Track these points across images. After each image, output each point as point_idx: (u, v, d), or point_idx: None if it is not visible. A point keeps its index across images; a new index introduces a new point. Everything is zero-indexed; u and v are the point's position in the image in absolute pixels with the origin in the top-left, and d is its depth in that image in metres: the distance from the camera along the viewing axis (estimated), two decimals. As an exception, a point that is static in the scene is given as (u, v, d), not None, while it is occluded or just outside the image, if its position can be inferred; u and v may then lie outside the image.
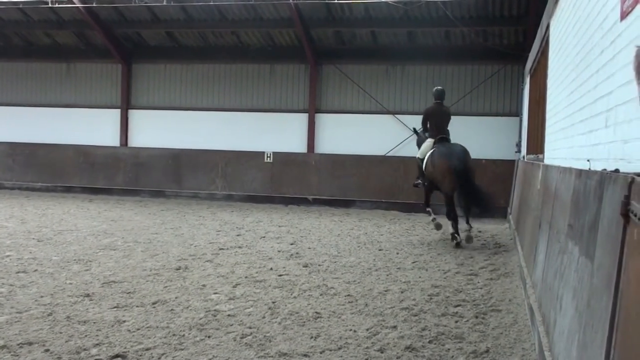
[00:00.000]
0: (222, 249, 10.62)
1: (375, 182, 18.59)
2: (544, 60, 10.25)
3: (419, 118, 13.64)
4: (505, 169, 17.52)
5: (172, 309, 6.61)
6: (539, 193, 7.74)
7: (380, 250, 11.04)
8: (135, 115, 21.25)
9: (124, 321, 6.11)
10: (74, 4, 18.91)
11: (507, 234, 13.78)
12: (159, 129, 20.95)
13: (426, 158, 12.46)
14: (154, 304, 6.81)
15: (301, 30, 18.76)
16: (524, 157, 15.09)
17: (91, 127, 21.48)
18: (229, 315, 6.44)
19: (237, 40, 20.43)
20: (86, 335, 5.63)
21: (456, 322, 6.44)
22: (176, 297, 7.10)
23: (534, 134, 12.23)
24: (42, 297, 6.97)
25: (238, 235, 12.38)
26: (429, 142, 12.77)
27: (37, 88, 22.19)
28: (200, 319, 6.27)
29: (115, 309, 6.55)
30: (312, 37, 19.51)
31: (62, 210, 15.85)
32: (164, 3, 18.52)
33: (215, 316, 6.38)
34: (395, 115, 19.37)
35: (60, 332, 5.70)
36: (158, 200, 19.34)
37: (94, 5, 19.09)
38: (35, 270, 8.34)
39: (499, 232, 14.00)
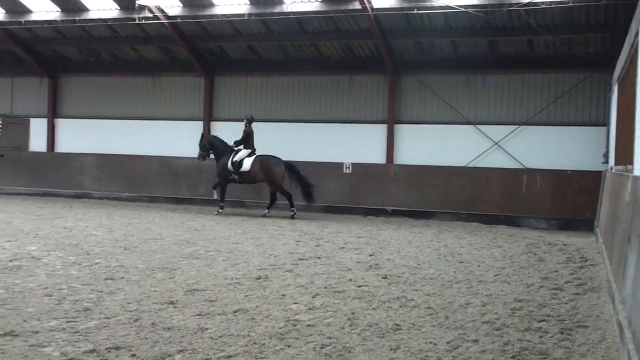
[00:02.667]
0: (301, 259, 10.68)
1: (455, 194, 18.33)
2: (634, 68, 9.90)
3: (501, 128, 13.41)
4: (591, 180, 16.94)
5: (252, 318, 6.69)
6: (629, 205, 7.44)
7: (460, 262, 10.86)
8: (217, 127, 21.72)
9: (207, 329, 6.23)
10: (160, 19, 19.54)
11: (593, 247, 13.31)
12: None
13: None
14: (235, 312, 6.90)
15: (380, 41, 18.76)
16: (611, 168, 14.58)
17: (175, 138, 22.08)
18: (308, 325, 6.47)
19: (317, 52, 20.62)
20: (170, 342, 5.76)
21: (540, 337, 6.26)
22: (257, 306, 7.18)
23: (623, 144, 11.81)
24: (128, 303, 7.18)
25: (317, 245, 12.43)
26: None
27: (124, 101, 23.01)
28: (280, 328, 6.32)
29: (198, 317, 6.67)
30: (391, 47, 19.48)
31: (147, 219, 16.32)
32: (245, 17, 18.90)
33: (295, 326, 6.41)
34: (476, 126, 19.07)
35: (146, 338, 5.85)
36: (239, 210, 19.65)
37: (179, 20, 19.67)
38: (122, 278, 8.61)
39: (585, 246, 13.54)
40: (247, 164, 17.91)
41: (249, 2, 18.98)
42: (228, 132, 21.45)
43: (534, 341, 6.10)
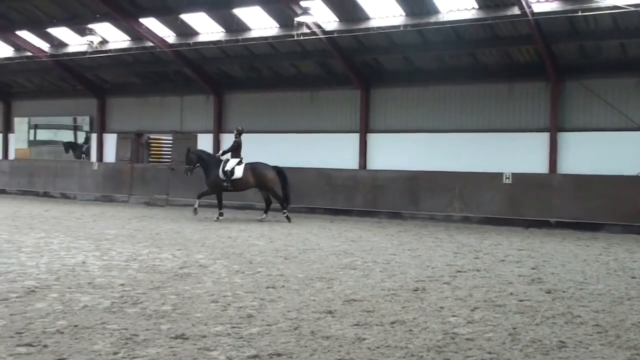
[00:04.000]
0: (459, 271, 10.46)
1: (627, 205, 17.18)
2: None
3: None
4: None
5: (410, 330, 6.63)
6: None
7: (633, 277, 10.15)
8: (373, 138, 21.87)
9: (364, 339, 6.24)
10: (317, 35, 20.03)
11: None
12: (396, 152, 21.32)
13: None
14: (392, 323, 6.87)
15: (542, 46, 18.06)
16: None
17: (332, 151, 22.48)
18: (467, 339, 6.30)
19: (474, 60, 20.21)
20: (329, 351, 5.83)
21: None
22: (414, 318, 7.11)
23: None
24: (289, 311, 7.36)
25: (476, 258, 12.12)
26: None
27: (284, 116, 23.76)
28: (438, 341, 6.20)
29: (355, 327, 6.71)
30: (553, 52, 18.69)
31: (306, 230, 16.71)
32: (401, 29, 18.91)
33: (453, 339, 6.28)
34: (649, 132, 17.81)
35: (305, 346, 5.97)
36: (395, 221, 19.63)
37: (335, 35, 20.06)
38: (283, 286, 8.85)
39: None
40: (238, 172, 18.78)
41: (404, 14, 18.99)
42: (384, 143, 21.55)
43: None
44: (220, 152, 19.86)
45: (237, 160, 18.99)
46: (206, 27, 22.14)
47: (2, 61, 26.56)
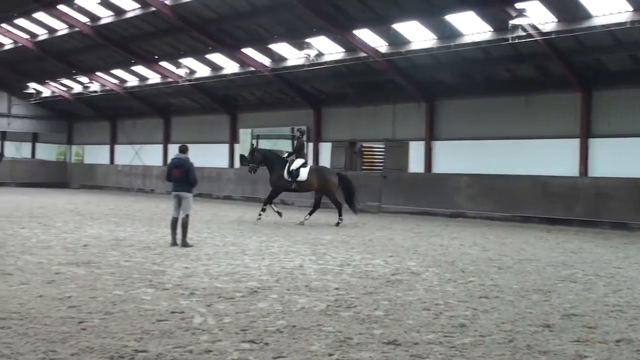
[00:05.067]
0: (697, 289, 9.47)
1: None
2: None
3: None
4: None
5: (638, 350, 6.12)
6: None
7: None
8: (595, 143, 20.50)
9: (586, 356, 5.88)
10: (533, 37, 19.25)
11: None
12: (622, 158, 19.74)
13: None
14: (617, 342, 6.40)
15: None
16: None
17: (547, 157, 21.40)
18: None
19: None
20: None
21: None
22: (644, 338, 6.56)
23: None
24: (503, 323, 7.13)
25: None
26: None
27: (496, 122, 23.08)
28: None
29: (576, 343, 6.34)
30: None
31: (521, 239, 16.09)
32: (628, 25, 17.57)
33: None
34: None
35: (521, 360, 5.74)
36: (620, 232, 18.23)
37: (553, 36, 19.14)
38: (497, 297, 8.59)
39: None
40: (303, 174, 19.14)
41: (631, 9, 17.63)
42: (608, 149, 20.11)
43: None
44: (286, 153, 20.43)
45: (302, 161, 19.45)
46: (417, 35, 22.23)
47: (229, 77, 28.70)
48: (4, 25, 30.69)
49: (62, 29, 29.65)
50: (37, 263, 10.49)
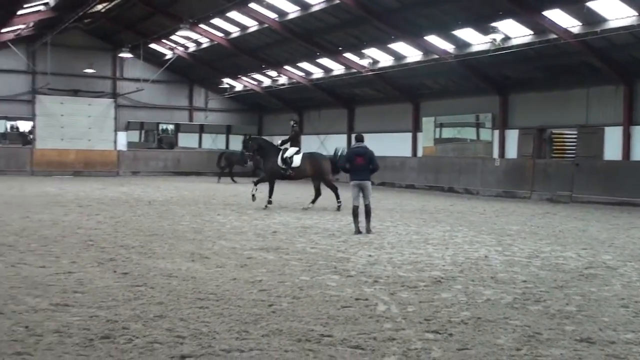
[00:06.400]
0: None
1: None
2: None
3: None
4: None
5: None
6: None
7: None
8: None
9: None
10: None
11: None
12: None
13: None
14: None
15: None
16: None
17: None
18: None
19: None
20: None
21: None
22: None
23: None
24: None
25: None
26: None
27: None
28: None
29: None
30: None
31: None
32: None
33: None
34: None
35: None
36: None
37: None
38: None
39: None
40: (297, 160, 19.25)
41: None
42: None
43: None
44: (280, 141, 20.20)
45: (296, 149, 19.70)
46: (616, 13, 20.65)
47: (412, 65, 28.55)
48: (202, 26, 32.76)
49: (252, 25, 31.12)
50: (231, 248, 11.12)
